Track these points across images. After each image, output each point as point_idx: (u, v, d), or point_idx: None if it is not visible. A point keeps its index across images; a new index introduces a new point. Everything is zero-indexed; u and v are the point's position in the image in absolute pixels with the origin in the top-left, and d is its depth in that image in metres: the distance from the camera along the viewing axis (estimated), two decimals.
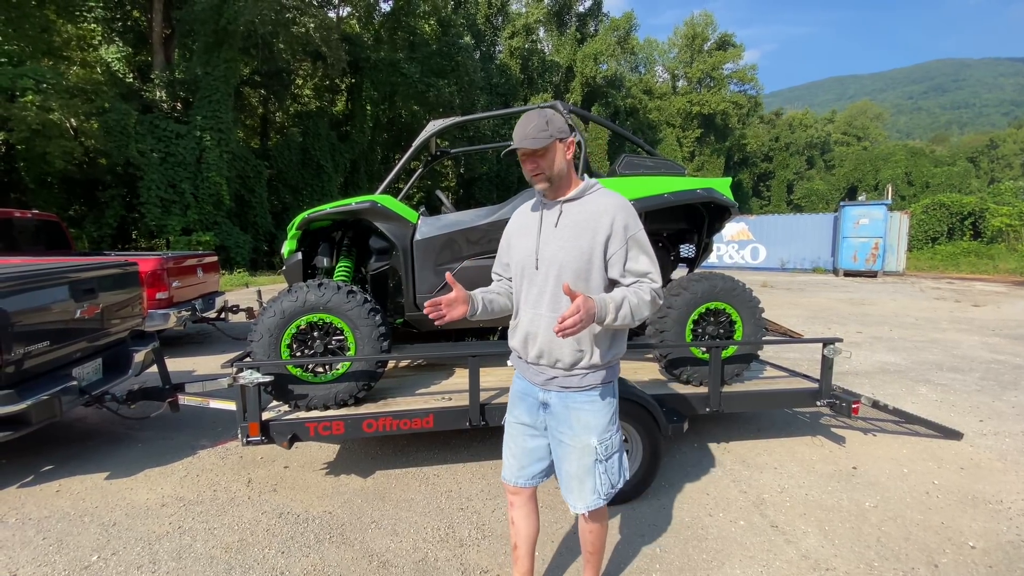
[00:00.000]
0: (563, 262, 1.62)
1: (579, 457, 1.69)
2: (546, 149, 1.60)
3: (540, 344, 1.68)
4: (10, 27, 12.90)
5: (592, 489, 1.70)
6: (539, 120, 1.59)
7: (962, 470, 3.24)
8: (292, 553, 2.41)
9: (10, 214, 6.08)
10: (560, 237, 1.65)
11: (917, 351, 6.48)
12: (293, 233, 3.39)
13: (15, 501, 2.90)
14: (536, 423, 1.80)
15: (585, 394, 1.68)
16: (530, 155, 1.61)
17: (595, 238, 1.61)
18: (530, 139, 1.57)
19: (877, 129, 62.87)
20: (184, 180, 15.29)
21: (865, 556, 2.38)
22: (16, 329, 2.76)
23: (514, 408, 1.86)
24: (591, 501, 1.71)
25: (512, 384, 1.89)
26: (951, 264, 18.74)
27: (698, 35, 41.07)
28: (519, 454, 1.83)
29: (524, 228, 1.76)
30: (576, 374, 1.67)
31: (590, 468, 1.69)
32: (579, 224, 1.63)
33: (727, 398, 3.25)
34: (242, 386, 2.73)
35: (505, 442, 1.88)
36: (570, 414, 1.69)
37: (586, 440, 1.68)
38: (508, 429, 1.88)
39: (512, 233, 1.82)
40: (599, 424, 1.69)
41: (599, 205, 1.64)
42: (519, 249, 1.75)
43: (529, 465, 1.83)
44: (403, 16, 23.59)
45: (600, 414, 1.69)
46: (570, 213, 1.66)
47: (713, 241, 3.92)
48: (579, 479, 1.71)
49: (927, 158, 43.28)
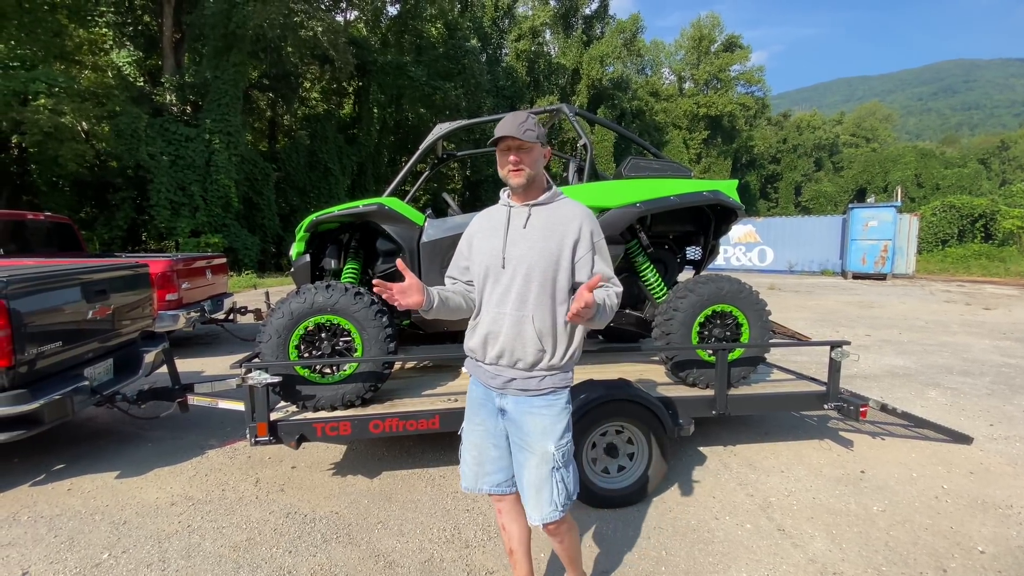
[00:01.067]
0: (532, 262, 1.65)
1: (537, 465, 1.68)
2: (532, 147, 1.67)
3: (501, 343, 1.68)
4: (23, 31, 13.09)
5: (549, 500, 1.67)
6: (529, 119, 1.66)
7: (972, 475, 3.21)
8: (299, 552, 2.43)
9: (23, 216, 6.17)
10: (529, 238, 1.68)
11: (927, 354, 6.42)
12: (301, 235, 3.42)
13: (27, 499, 2.95)
14: (496, 430, 1.78)
15: (543, 398, 1.69)
16: (516, 148, 1.65)
17: (564, 241, 1.66)
18: (524, 131, 1.62)
19: (886, 131, 62.39)
20: (193, 183, 15.44)
21: (873, 561, 2.37)
22: (29, 329, 2.81)
23: (473, 416, 1.84)
24: (547, 513, 1.68)
25: (468, 391, 1.87)
26: (961, 267, 18.54)
27: (705, 37, 40.93)
28: (482, 460, 1.81)
29: (488, 230, 1.77)
30: (535, 376, 1.68)
31: (547, 476, 1.67)
32: (548, 227, 1.68)
33: (733, 401, 3.24)
34: (251, 387, 2.75)
35: (462, 451, 1.87)
36: (526, 420, 1.69)
37: (544, 447, 1.67)
38: (466, 437, 1.86)
39: (474, 235, 1.82)
40: (556, 430, 1.68)
41: (568, 212, 1.71)
42: (483, 250, 1.75)
43: (493, 472, 1.80)
44: (410, 19, 23.71)
45: (557, 419, 1.69)
46: (539, 216, 1.70)
47: (720, 243, 3.91)
48: (536, 488, 1.68)
49: (937, 160, 42.88)
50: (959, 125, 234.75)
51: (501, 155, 1.69)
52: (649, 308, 3.66)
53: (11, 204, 14.52)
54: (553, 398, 1.70)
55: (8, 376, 2.69)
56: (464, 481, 1.87)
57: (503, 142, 1.66)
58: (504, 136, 1.63)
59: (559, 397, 1.72)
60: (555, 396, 1.71)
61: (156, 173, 14.79)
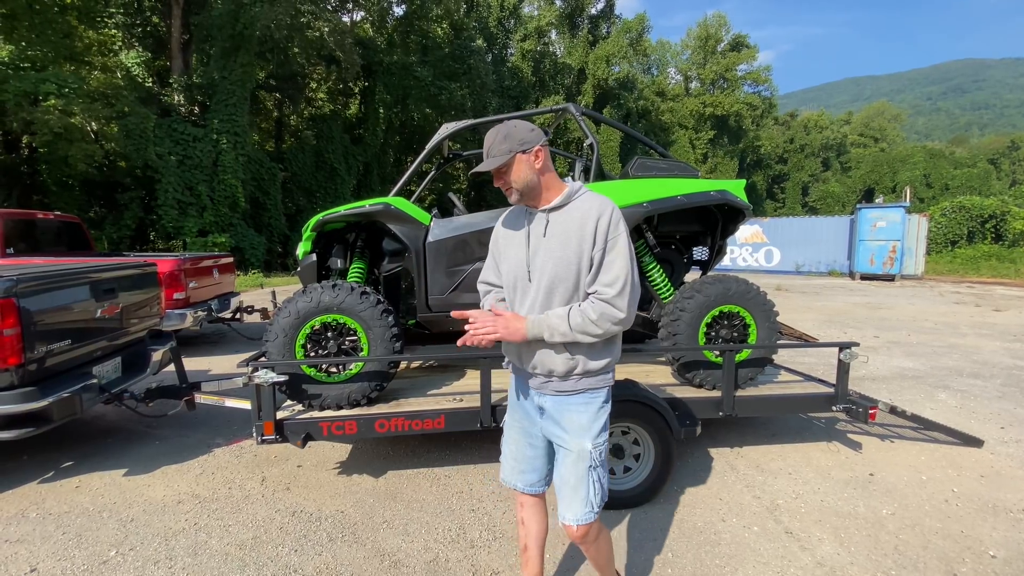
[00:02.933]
0: (553, 274, 1.60)
1: (574, 463, 1.66)
2: (507, 165, 1.59)
3: (533, 356, 1.67)
4: (33, 33, 13.22)
5: (585, 499, 1.66)
6: (496, 137, 1.59)
7: (982, 478, 3.17)
8: (305, 551, 2.44)
9: (33, 216, 6.23)
10: (549, 247, 1.62)
11: (936, 356, 6.36)
12: (308, 235, 3.43)
13: (36, 496, 2.97)
14: (533, 429, 1.78)
15: (580, 396, 1.67)
16: (496, 173, 1.61)
17: (581, 246, 1.58)
18: (489, 159, 1.59)
19: (895, 130, 61.92)
20: (200, 183, 15.55)
21: (882, 564, 2.34)
22: (39, 328, 2.83)
23: (513, 412, 1.85)
24: (582, 514, 1.66)
25: (509, 387, 1.88)
26: (971, 268, 18.37)
27: (711, 36, 40.79)
28: (518, 457, 1.83)
29: (512, 237, 1.73)
30: (570, 379, 1.66)
31: (584, 475, 1.65)
32: (564, 233, 1.61)
33: (740, 402, 3.22)
34: (257, 385, 2.76)
35: (503, 443, 1.89)
36: (564, 417, 1.68)
37: (581, 444, 1.65)
38: (506, 432, 1.88)
39: (499, 239, 1.79)
40: (594, 427, 1.66)
41: (582, 211, 1.60)
42: (509, 259, 1.72)
43: (527, 471, 1.81)
44: (416, 20, 23.77)
45: (595, 417, 1.67)
46: (556, 222, 1.63)
47: (727, 244, 3.89)
48: (573, 487, 1.67)
49: (946, 160, 42.53)
50: (969, 125, 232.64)
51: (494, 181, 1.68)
52: (655, 308, 3.64)
53: (21, 203, 14.67)
54: (591, 396, 1.67)
55: (18, 374, 2.71)
56: (502, 473, 1.88)
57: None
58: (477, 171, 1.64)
59: (597, 395, 1.68)
60: (592, 395, 1.68)
61: (164, 173, 14.91)
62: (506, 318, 1.60)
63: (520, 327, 1.59)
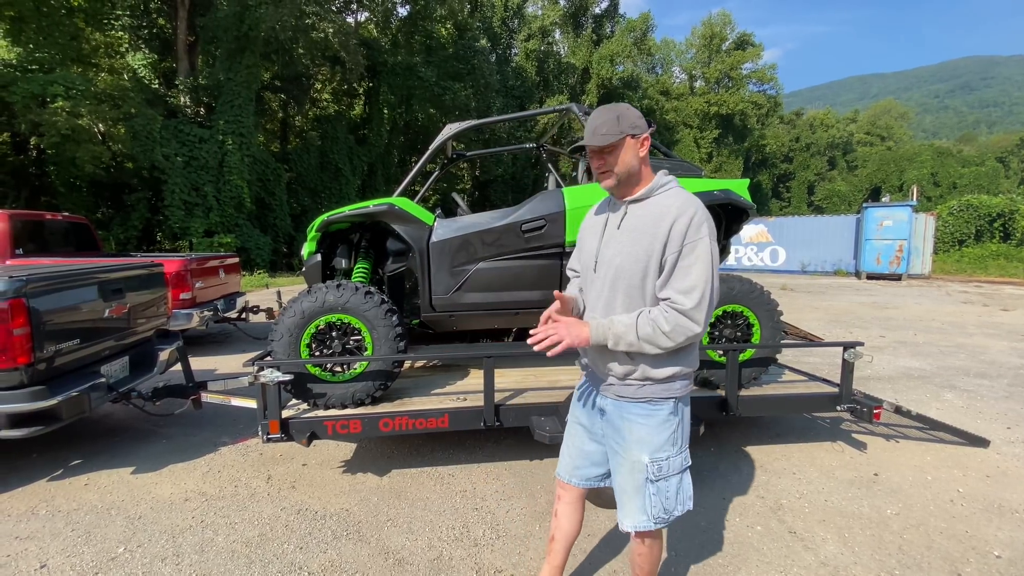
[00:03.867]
0: (620, 267, 1.54)
1: (630, 472, 1.60)
2: (613, 146, 1.51)
3: (593, 354, 1.65)
4: (41, 35, 13.34)
5: (640, 508, 1.59)
6: (609, 116, 1.52)
7: (988, 478, 3.16)
8: (310, 549, 2.46)
9: (42, 216, 6.29)
10: (620, 241, 1.56)
11: (943, 356, 6.32)
12: (313, 235, 3.45)
13: (45, 494, 3.00)
14: (593, 427, 1.75)
15: (640, 406, 1.57)
16: (597, 152, 1.54)
17: (652, 244, 1.48)
18: (598, 135, 1.50)
19: (901, 129, 61.51)
20: (207, 183, 15.65)
21: (886, 564, 2.34)
22: (48, 327, 2.86)
23: (575, 407, 1.83)
24: (639, 521, 1.60)
25: (579, 382, 1.86)
26: (979, 267, 18.23)
27: (716, 35, 40.65)
28: (574, 454, 1.81)
29: (592, 228, 1.69)
30: (631, 384, 1.57)
31: (640, 486, 1.58)
32: (639, 228, 1.53)
33: (744, 402, 3.22)
34: (263, 384, 2.78)
35: (564, 438, 1.87)
36: (623, 425, 1.60)
37: (637, 456, 1.57)
38: (568, 427, 1.86)
39: (583, 231, 1.76)
40: (654, 441, 1.57)
41: (661, 208, 1.51)
42: (585, 249, 1.70)
43: (583, 467, 1.80)
44: (420, 20, 23.80)
45: (656, 431, 1.57)
46: (634, 215, 1.56)
47: (731, 243, 3.88)
48: (628, 494, 1.62)
49: (954, 158, 42.23)
50: (977, 123, 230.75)
51: (589, 158, 1.59)
52: None
53: (29, 205, 14.82)
54: (652, 407, 1.57)
55: (27, 373, 2.75)
56: (559, 468, 1.87)
57: (588, 150, 1.56)
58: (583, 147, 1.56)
59: (660, 407, 1.57)
60: (655, 406, 1.57)
61: (170, 174, 15.02)
62: (567, 324, 1.54)
63: (584, 333, 1.52)
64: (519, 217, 3.31)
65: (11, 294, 2.66)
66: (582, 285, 1.74)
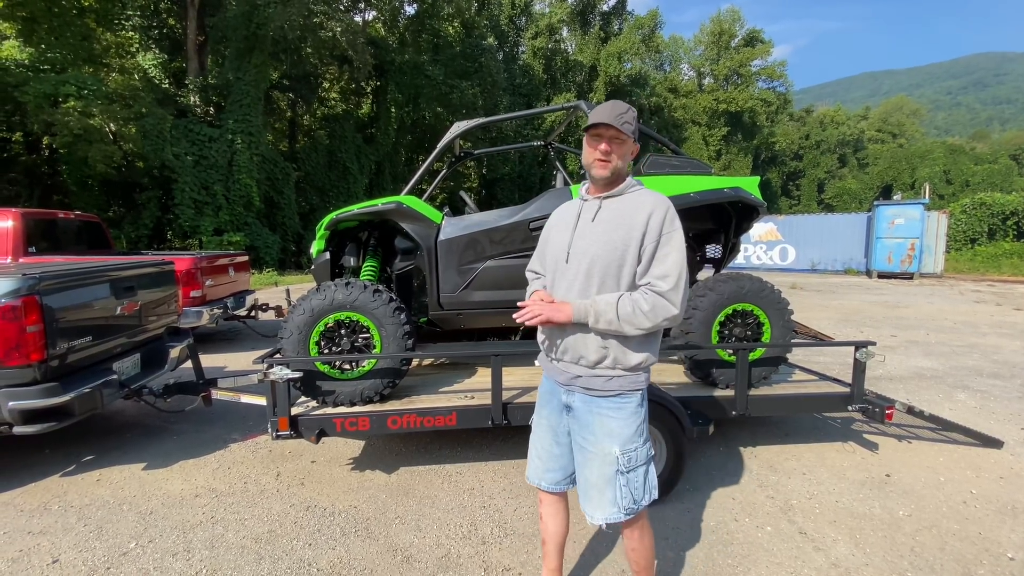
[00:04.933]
0: (594, 255, 1.61)
1: (600, 465, 1.64)
2: (626, 139, 1.61)
3: (566, 339, 1.66)
4: (53, 35, 13.49)
5: (611, 500, 1.63)
6: (629, 111, 1.61)
7: (1002, 479, 3.11)
8: (319, 545, 2.47)
9: (55, 215, 6.36)
10: (595, 231, 1.63)
11: (955, 356, 6.24)
12: (321, 233, 3.46)
13: (58, 489, 3.04)
14: (559, 426, 1.77)
15: (610, 400, 1.63)
16: (611, 138, 1.60)
17: (630, 233, 1.58)
18: (622, 122, 1.58)
19: (913, 126, 60.76)
20: (216, 182, 15.77)
21: (898, 566, 2.31)
22: (61, 325, 2.90)
23: (541, 408, 1.85)
24: (610, 513, 1.64)
25: (540, 384, 1.88)
26: (992, 266, 17.97)
27: (725, 32, 40.32)
28: (544, 456, 1.82)
29: (562, 223, 1.76)
30: (600, 375, 1.63)
31: (611, 478, 1.63)
32: (615, 219, 1.62)
33: (754, 402, 3.19)
34: (272, 382, 2.80)
35: (531, 442, 1.88)
36: (594, 419, 1.65)
37: (608, 448, 1.63)
38: (534, 429, 1.88)
39: (551, 228, 1.82)
40: (624, 433, 1.63)
41: (638, 201, 1.62)
42: (554, 244, 1.74)
43: (553, 470, 1.81)
44: (427, 19, 23.82)
45: (626, 422, 1.63)
46: (608, 208, 1.65)
47: (740, 241, 3.85)
48: (599, 488, 1.65)
49: (967, 156, 41.66)
50: (990, 120, 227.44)
51: (591, 141, 1.63)
52: None
53: (42, 203, 15.00)
54: (622, 400, 1.64)
55: (40, 370, 2.78)
56: (528, 472, 1.88)
57: (596, 129, 1.60)
58: (600, 123, 1.58)
59: (628, 400, 1.65)
60: (624, 399, 1.64)
61: (180, 173, 15.14)
62: (550, 303, 1.63)
63: (567, 310, 1.59)
64: (527, 215, 3.30)
65: (25, 292, 2.69)
66: (549, 280, 1.77)
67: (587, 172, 1.69)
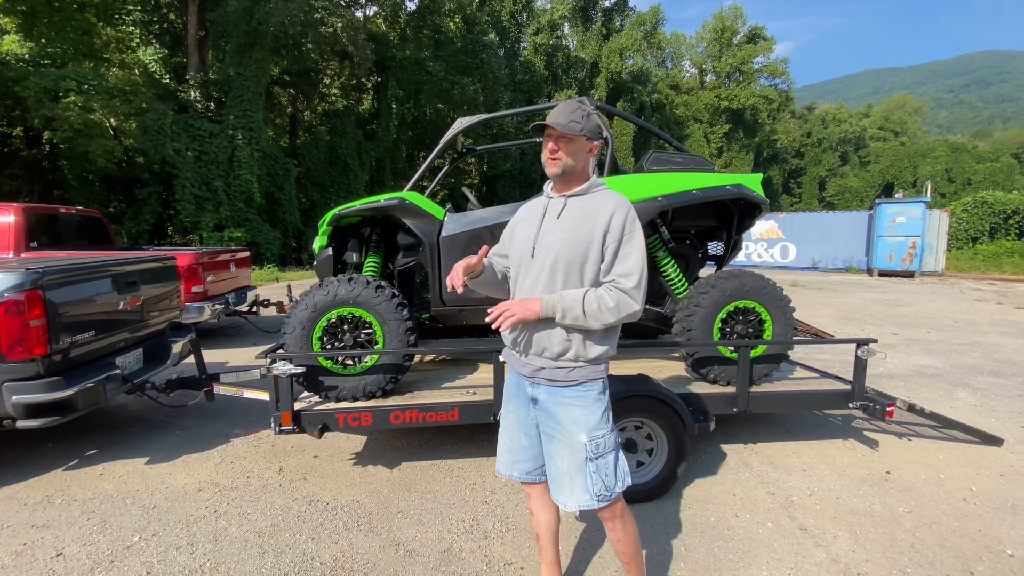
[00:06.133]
0: (559, 252, 1.66)
1: (569, 454, 1.69)
2: (571, 138, 1.64)
3: (529, 332, 1.71)
4: (53, 30, 13.45)
5: (583, 488, 1.67)
6: (579, 110, 1.65)
7: (1002, 477, 3.12)
8: (322, 539, 2.48)
9: (56, 210, 6.36)
10: (560, 228, 1.68)
11: (956, 354, 6.25)
12: (324, 229, 3.47)
13: (61, 483, 3.05)
14: (527, 418, 1.81)
15: (573, 389, 1.69)
16: (558, 137, 1.65)
17: (593, 232, 1.64)
18: (568, 122, 1.63)
19: (915, 124, 60.62)
20: (217, 178, 15.76)
21: (898, 562, 2.32)
22: (64, 319, 2.90)
23: (508, 402, 1.89)
24: (582, 500, 1.68)
25: (506, 379, 1.92)
26: (993, 265, 17.95)
27: (727, 28, 40.18)
28: (513, 448, 1.86)
29: (528, 220, 1.80)
30: (563, 366, 1.68)
31: (581, 465, 1.67)
32: (579, 217, 1.67)
33: (755, 398, 3.20)
34: (275, 377, 2.81)
35: (500, 435, 1.92)
36: (559, 409, 1.70)
37: (575, 436, 1.68)
38: (503, 423, 1.91)
39: (516, 224, 1.86)
40: (589, 420, 1.68)
41: (601, 201, 1.68)
42: (520, 239, 1.79)
43: (523, 461, 1.84)
44: (428, 14, 23.76)
45: (590, 410, 1.69)
46: (573, 206, 1.70)
47: (742, 239, 3.85)
48: (570, 476, 1.69)
49: (969, 154, 41.58)
50: (992, 118, 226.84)
51: (544, 142, 1.70)
52: (670, 303, 3.63)
53: (43, 198, 15.00)
54: (584, 389, 1.70)
55: (44, 364, 2.79)
56: (498, 465, 1.92)
57: (546, 129, 1.66)
58: (545, 124, 1.65)
59: (590, 388, 1.70)
60: (586, 387, 1.70)
61: (181, 169, 15.13)
62: (518, 301, 1.67)
63: (535, 306, 1.63)
64: None
65: (28, 286, 2.70)
66: (513, 274, 1.82)
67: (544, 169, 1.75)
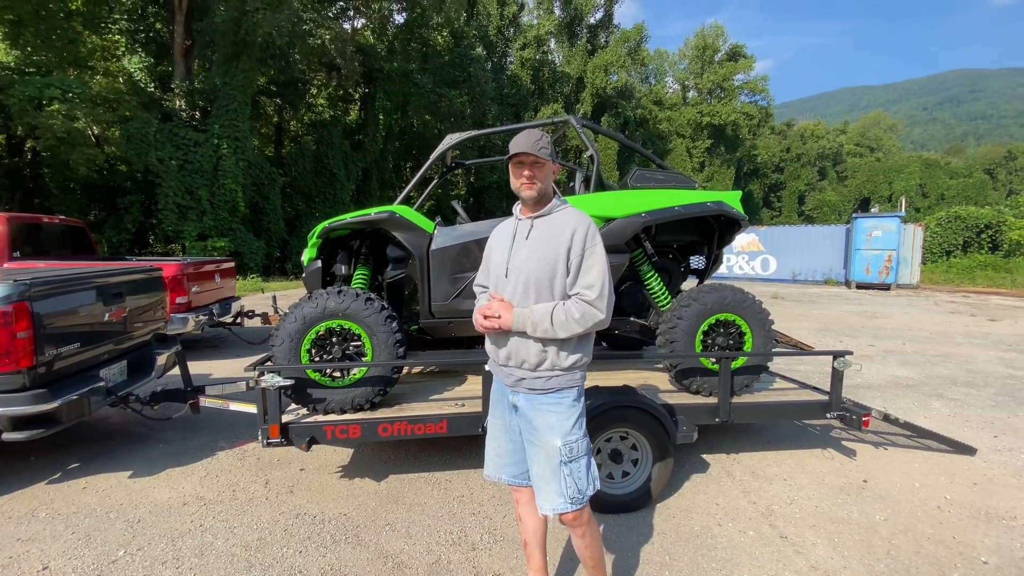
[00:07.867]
0: (529, 271, 1.79)
1: (546, 458, 1.79)
2: (542, 164, 1.80)
3: (508, 346, 1.82)
4: (39, 38, 13.32)
5: (557, 491, 1.77)
6: (543, 138, 1.80)
7: (975, 485, 3.23)
8: (309, 553, 2.48)
9: (40, 219, 6.28)
10: (529, 248, 1.82)
11: (930, 365, 6.43)
12: (313, 242, 3.49)
13: (45, 496, 3.01)
14: (510, 424, 1.92)
15: (550, 396, 1.80)
16: (531, 164, 1.79)
17: (559, 249, 1.77)
18: (539, 148, 1.77)
19: (891, 140, 62.35)
20: (201, 187, 15.60)
21: (875, 569, 2.40)
22: (49, 331, 2.88)
23: (494, 409, 1.99)
24: (556, 504, 1.78)
25: (492, 387, 2.03)
26: (967, 278, 18.49)
27: (708, 46, 41.12)
28: (500, 452, 1.96)
29: (501, 242, 1.93)
30: (541, 375, 1.79)
31: (555, 469, 1.77)
32: (545, 237, 1.81)
33: (736, 409, 3.27)
34: (263, 389, 2.81)
35: (487, 441, 2.02)
36: (536, 415, 1.81)
37: (551, 441, 1.78)
38: (489, 429, 2.01)
39: (492, 247, 1.99)
40: (563, 425, 1.78)
41: (564, 220, 1.81)
42: (495, 261, 1.93)
43: (510, 464, 1.94)
44: (417, 28, 23.95)
45: (564, 416, 1.79)
46: (539, 227, 1.84)
47: (723, 253, 3.96)
48: (546, 480, 1.79)
49: (942, 170, 42.90)
50: (965, 135, 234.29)
51: (515, 169, 1.82)
52: (653, 316, 3.71)
53: (23, 207, 14.70)
54: (559, 396, 1.80)
55: (29, 376, 2.76)
56: (486, 470, 2.00)
57: (518, 157, 1.79)
58: (520, 152, 1.77)
59: (565, 396, 1.81)
60: (561, 395, 1.80)
61: (165, 177, 14.97)
62: (502, 305, 1.80)
63: (508, 317, 1.77)
64: None
65: (15, 298, 2.68)
66: (492, 291, 1.94)
67: (518, 195, 1.86)
